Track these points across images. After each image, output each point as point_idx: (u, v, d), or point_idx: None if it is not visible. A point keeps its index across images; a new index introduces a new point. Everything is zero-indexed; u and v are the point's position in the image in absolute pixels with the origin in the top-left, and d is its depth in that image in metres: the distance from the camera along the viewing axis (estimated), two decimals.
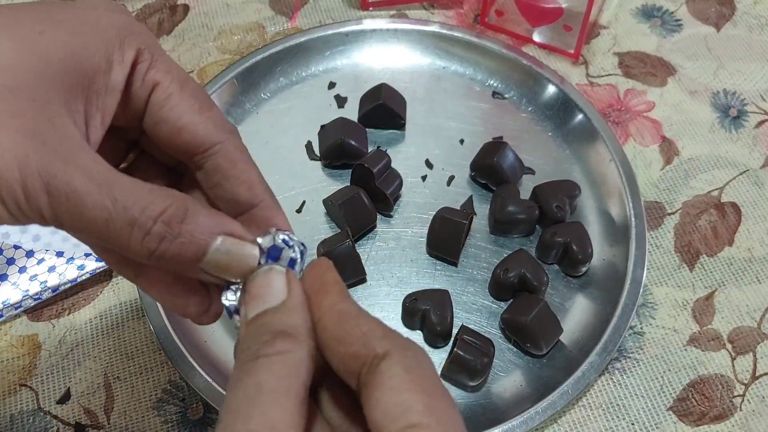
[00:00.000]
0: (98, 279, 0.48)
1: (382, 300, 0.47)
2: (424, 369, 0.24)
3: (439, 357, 0.45)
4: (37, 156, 0.23)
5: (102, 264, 0.47)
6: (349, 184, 0.51)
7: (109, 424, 0.43)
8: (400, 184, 0.51)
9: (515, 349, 0.46)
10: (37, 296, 0.46)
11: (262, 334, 0.25)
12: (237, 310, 0.27)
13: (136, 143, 0.31)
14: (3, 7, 0.25)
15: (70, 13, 0.26)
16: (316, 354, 0.25)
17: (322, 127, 0.54)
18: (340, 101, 0.56)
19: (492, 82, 0.58)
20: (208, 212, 0.26)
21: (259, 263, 0.27)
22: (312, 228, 0.50)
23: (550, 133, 0.55)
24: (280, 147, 0.54)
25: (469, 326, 0.45)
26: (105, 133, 0.27)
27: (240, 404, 0.22)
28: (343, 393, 0.26)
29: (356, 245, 0.48)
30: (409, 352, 0.24)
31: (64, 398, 0.44)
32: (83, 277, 0.47)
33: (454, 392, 0.44)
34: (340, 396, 0.26)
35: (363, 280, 0.48)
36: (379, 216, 0.50)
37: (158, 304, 0.44)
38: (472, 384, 0.44)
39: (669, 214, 0.52)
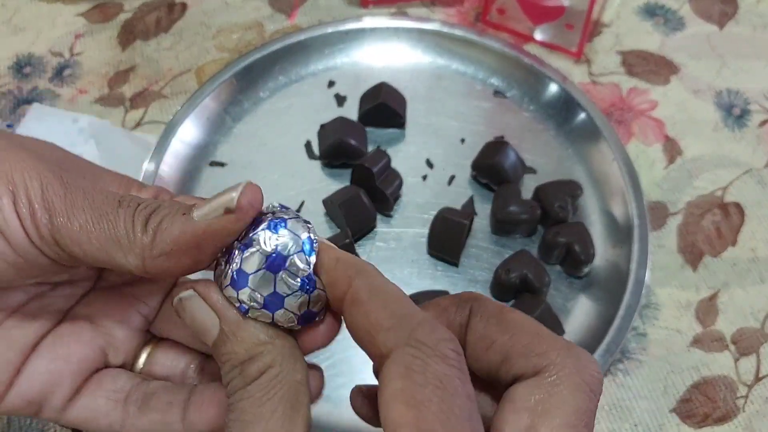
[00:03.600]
0: None
1: None
2: (427, 373, 0.20)
3: None
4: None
5: None
6: (348, 184, 0.50)
7: None
8: (400, 184, 0.50)
9: None
10: None
11: (229, 371, 0.23)
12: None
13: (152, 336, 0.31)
14: None
15: None
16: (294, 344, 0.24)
17: (322, 126, 0.53)
18: (340, 100, 0.56)
19: (493, 80, 0.57)
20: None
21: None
22: None
23: (552, 133, 0.54)
24: (279, 146, 0.53)
25: None
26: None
27: None
28: None
29: (356, 245, 0.48)
30: (412, 351, 0.20)
31: None
32: None
33: None
34: None
35: None
36: (379, 216, 0.50)
37: None
38: None
39: (672, 214, 0.52)
